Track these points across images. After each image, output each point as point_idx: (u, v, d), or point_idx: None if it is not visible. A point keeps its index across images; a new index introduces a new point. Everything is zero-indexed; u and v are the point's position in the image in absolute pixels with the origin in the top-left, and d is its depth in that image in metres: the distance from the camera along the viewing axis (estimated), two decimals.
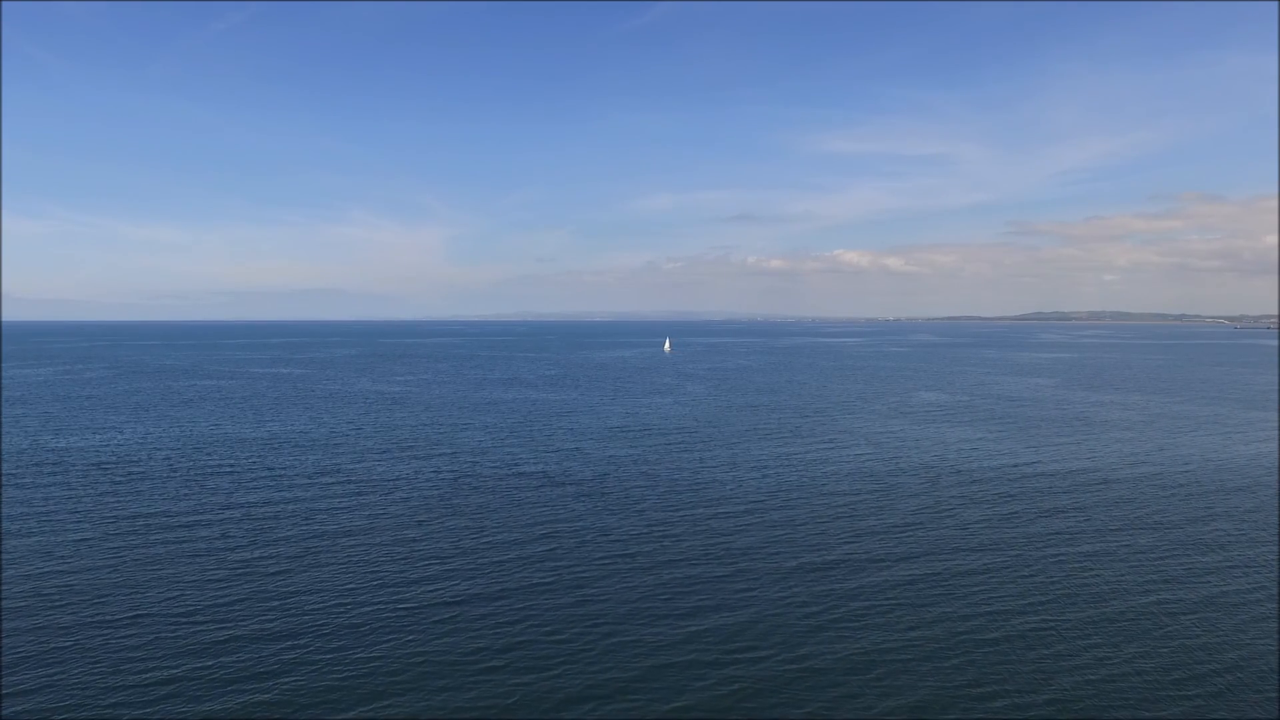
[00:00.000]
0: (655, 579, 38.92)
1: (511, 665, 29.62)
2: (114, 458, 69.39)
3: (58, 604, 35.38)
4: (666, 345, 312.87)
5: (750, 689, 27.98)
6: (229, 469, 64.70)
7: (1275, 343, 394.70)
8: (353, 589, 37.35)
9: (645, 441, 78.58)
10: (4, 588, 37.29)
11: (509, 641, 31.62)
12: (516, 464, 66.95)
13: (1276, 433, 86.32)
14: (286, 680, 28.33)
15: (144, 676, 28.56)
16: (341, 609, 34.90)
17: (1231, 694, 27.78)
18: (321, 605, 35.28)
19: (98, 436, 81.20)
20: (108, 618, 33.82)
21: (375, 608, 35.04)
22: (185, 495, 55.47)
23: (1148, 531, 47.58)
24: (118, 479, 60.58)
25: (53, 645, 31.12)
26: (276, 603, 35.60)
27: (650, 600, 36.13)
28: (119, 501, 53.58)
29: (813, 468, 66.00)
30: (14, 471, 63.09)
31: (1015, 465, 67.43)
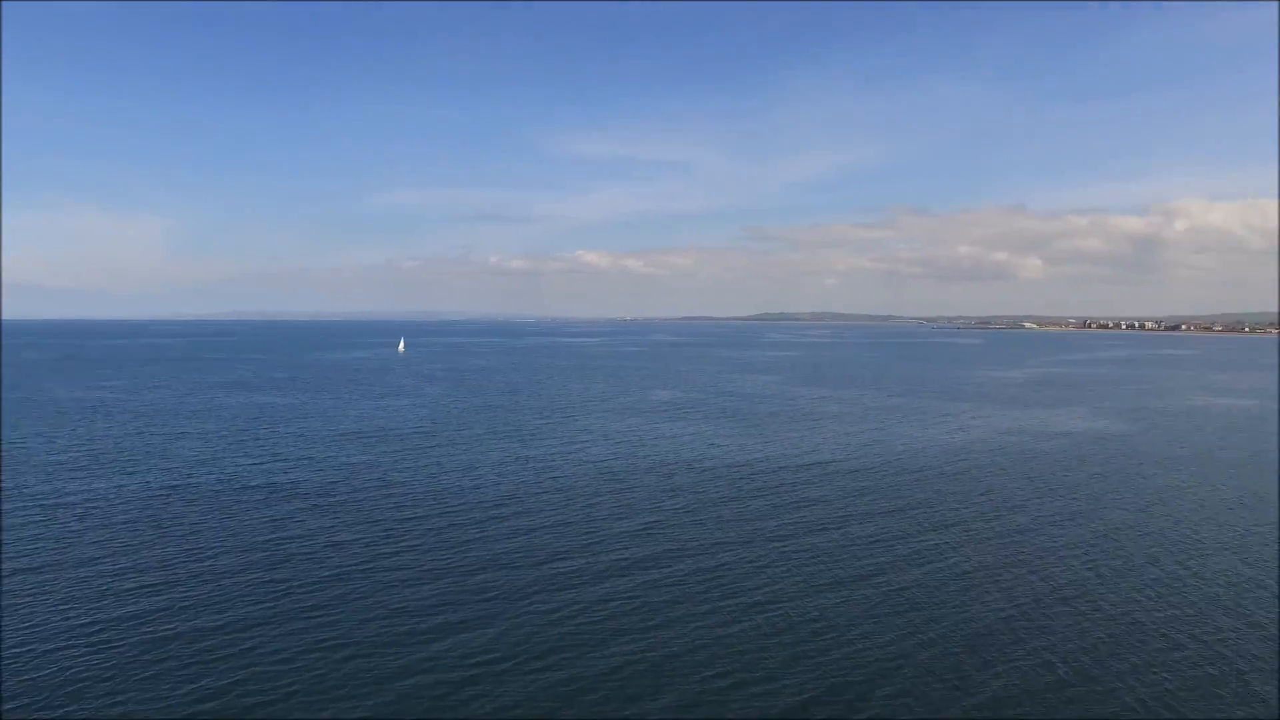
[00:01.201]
0: (394, 596, 36.89)
1: (235, 703, 26.78)
2: None
3: None
4: (401, 345, 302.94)
5: (498, 708, 26.98)
6: None
7: (966, 340, 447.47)
8: (44, 624, 32.45)
9: (380, 447, 75.20)
10: None
11: (233, 678, 28.60)
12: (238, 475, 61.65)
13: (971, 421, 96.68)
14: None
15: None
16: (34, 640, 30.17)
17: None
18: None
19: None
20: None
21: (72, 647, 30.59)
22: None
23: (867, 520, 51.33)
24: None
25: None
26: None
27: (391, 619, 34.13)
28: None
29: (553, 469, 65.86)
30: None
31: (748, 460, 70.77)
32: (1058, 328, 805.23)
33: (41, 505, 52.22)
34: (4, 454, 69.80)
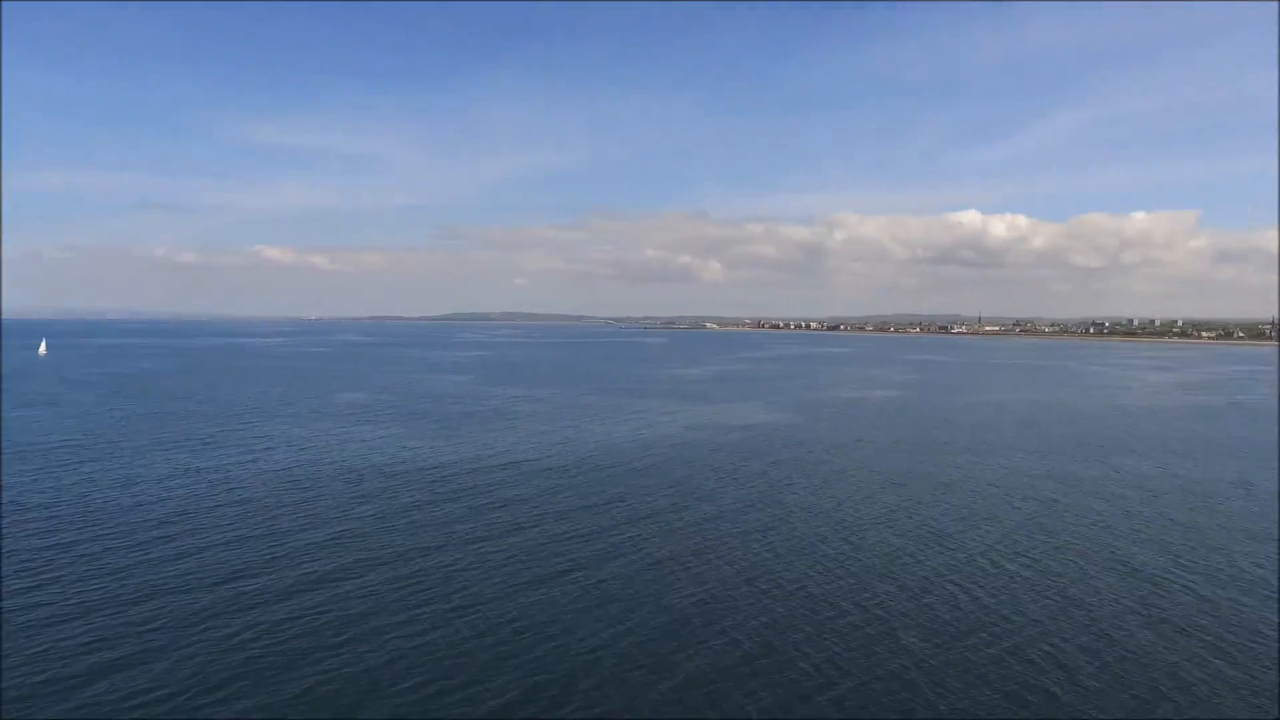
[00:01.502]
0: (33, 640, 31.94)
1: None
2: None
3: None
4: (42, 347, 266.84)
5: None
6: None
7: (652, 339, 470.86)
8: None
9: (15, 466, 65.32)
10: None
11: None
12: None
13: (659, 418, 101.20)
14: None
15: None
16: None
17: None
18: None
19: None
20: None
21: None
22: None
23: (563, 518, 51.92)
24: None
25: None
26: None
27: (29, 667, 29.46)
28: None
29: (229, 480, 60.61)
30: None
31: (442, 463, 69.28)
32: (736, 327, 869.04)
33: None
34: None
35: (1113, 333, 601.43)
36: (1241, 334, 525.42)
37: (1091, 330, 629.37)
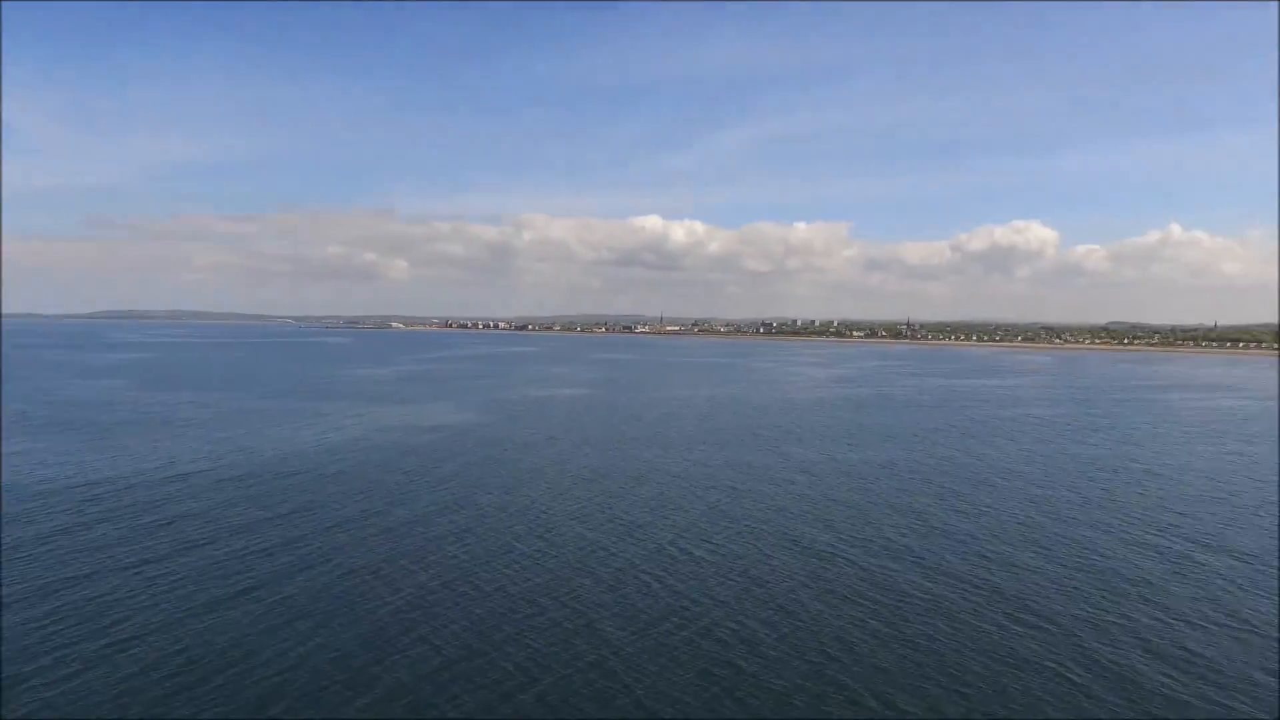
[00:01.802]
0: None
1: None
2: None
3: None
4: None
5: None
6: None
7: (335, 339, 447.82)
8: None
9: None
10: None
11: None
12: None
13: (345, 421, 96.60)
14: None
15: None
16: None
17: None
18: None
19: None
20: None
21: None
22: None
23: (242, 532, 48.10)
24: None
25: None
26: None
27: None
28: None
29: None
30: None
31: (91, 480, 61.58)
32: (424, 327, 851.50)
33: None
34: None
35: (780, 332, 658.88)
36: (884, 333, 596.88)
37: (762, 330, 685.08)
